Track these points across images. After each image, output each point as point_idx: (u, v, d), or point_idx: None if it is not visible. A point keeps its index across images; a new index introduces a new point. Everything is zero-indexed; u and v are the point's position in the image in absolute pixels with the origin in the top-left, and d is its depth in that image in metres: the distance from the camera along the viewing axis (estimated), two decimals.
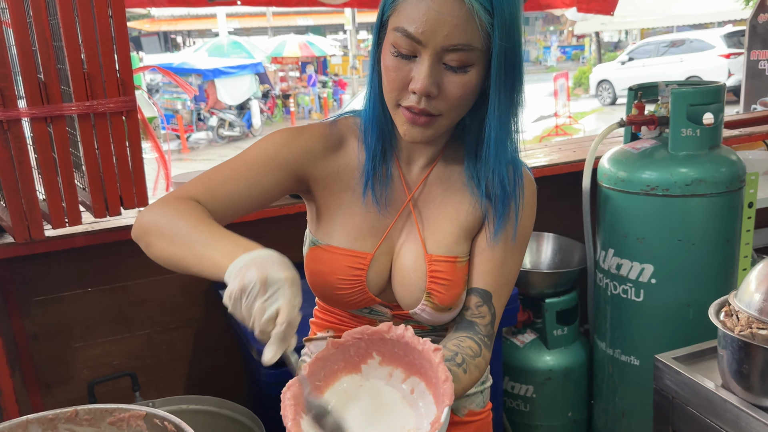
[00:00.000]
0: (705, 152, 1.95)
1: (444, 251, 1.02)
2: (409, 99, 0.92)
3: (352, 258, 1.04)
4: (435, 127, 0.95)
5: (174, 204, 0.93)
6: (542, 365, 2.28)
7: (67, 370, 2.03)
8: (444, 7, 0.86)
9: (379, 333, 0.88)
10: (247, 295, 0.75)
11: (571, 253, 2.42)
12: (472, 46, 0.88)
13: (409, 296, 1.04)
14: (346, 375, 0.92)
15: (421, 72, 0.89)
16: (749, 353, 1.27)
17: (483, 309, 1.02)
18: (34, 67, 1.42)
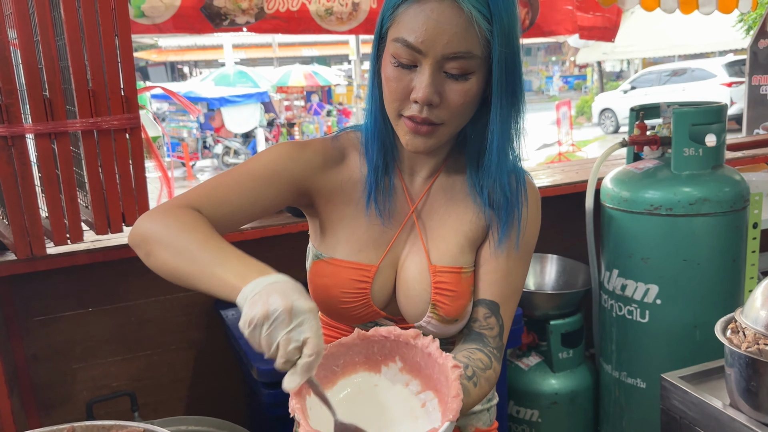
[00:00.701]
0: (708, 172, 1.95)
1: (448, 262, 1.01)
2: (411, 108, 0.92)
3: (356, 270, 1.03)
4: (437, 136, 0.95)
5: (177, 213, 0.91)
6: (548, 389, 2.25)
7: (67, 391, 2.01)
8: (443, 16, 0.86)
9: (407, 337, 0.87)
10: (271, 323, 0.74)
11: (575, 275, 2.40)
12: (472, 53, 0.89)
13: (414, 308, 1.03)
14: (364, 371, 0.91)
15: (422, 81, 0.89)
16: (757, 370, 1.25)
17: (491, 320, 1.01)
18: (40, 85, 1.44)
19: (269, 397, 1.64)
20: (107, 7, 1.49)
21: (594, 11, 3.76)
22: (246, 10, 3.11)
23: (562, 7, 3.68)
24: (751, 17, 9.34)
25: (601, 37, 4.02)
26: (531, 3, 3.47)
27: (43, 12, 1.42)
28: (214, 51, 21.01)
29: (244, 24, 3.17)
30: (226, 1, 2.99)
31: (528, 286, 2.43)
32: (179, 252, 0.86)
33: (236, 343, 1.80)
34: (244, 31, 3.24)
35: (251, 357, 1.68)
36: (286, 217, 2.05)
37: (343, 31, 3.30)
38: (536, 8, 3.52)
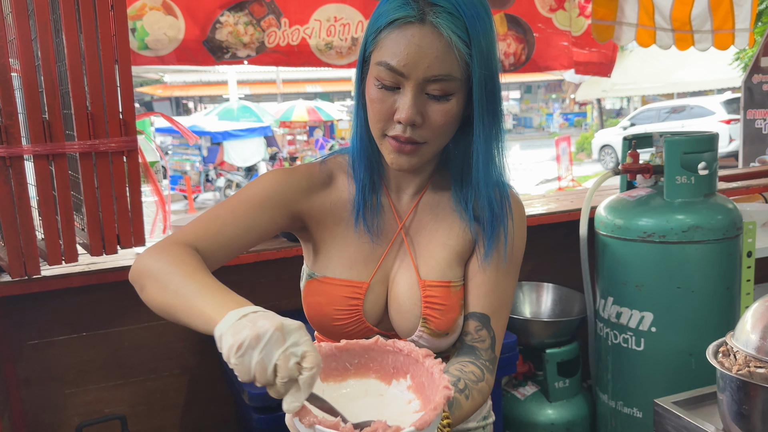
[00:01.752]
0: (701, 200, 1.96)
1: (437, 276, 1.03)
2: (395, 128, 0.95)
3: (348, 288, 1.05)
4: (420, 155, 0.98)
5: (171, 250, 0.93)
6: (544, 419, 2.22)
7: (58, 416, 1.99)
8: (424, 41, 0.90)
9: (418, 354, 0.87)
10: (265, 344, 0.71)
11: (571, 303, 2.40)
12: (452, 76, 0.92)
13: (406, 323, 1.04)
14: (375, 378, 0.91)
15: (405, 102, 0.92)
16: (748, 393, 1.24)
17: (483, 333, 1.02)
18: (39, 107, 1.47)
19: (260, 422, 1.62)
20: (107, 33, 1.53)
21: (590, 47, 3.83)
22: (247, 44, 3.17)
23: (558, 43, 3.75)
24: (748, 55, 9.47)
25: (597, 72, 4.08)
26: (527, 39, 3.54)
27: (45, 37, 1.46)
28: (218, 87, 21.30)
29: (245, 57, 3.22)
30: (228, 35, 3.05)
31: (524, 314, 2.43)
32: (165, 286, 0.88)
33: (228, 368, 1.80)
34: (245, 63, 3.31)
35: (242, 382, 1.67)
36: (281, 242, 2.06)
37: (343, 65, 3.36)
38: (532, 44, 3.58)
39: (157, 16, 2.88)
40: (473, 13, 0.91)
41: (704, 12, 3.26)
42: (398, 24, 0.91)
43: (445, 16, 0.89)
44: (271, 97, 22.59)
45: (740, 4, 3.30)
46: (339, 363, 0.89)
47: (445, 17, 0.89)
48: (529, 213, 2.41)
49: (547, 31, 3.57)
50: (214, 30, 3.02)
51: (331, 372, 0.88)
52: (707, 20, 3.28)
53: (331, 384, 0.88)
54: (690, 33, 3.32)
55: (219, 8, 2.86)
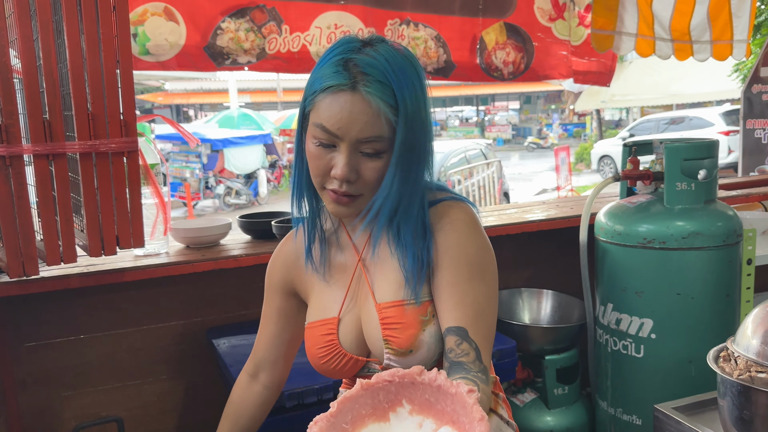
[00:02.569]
0: (701, 206, 1.96)
1: (390, 297, 1.09)
2: (333, 183, 1.04)
3: (323, 326, 1.15)
4: (356, 205, 1.06)
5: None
6: (543, 426, 2.21)
7: (54, 419, 1.98)
8: (355, 107, 0.99)
9: (411, 376, 0.86)
10: None
11: (570, 310, 2.39)
12: (382, 136, 1.01)
13: (375, 348, 1.12)
14: (373, 422, 0.89)
15: (340, 161, 1.01)
16: (749, 398, 1.24)
17: (464, 346, 1.02)
18: (40, 107, 1.47)
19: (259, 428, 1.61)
20: (109, 35, 1.53)
21: (589, 56, 3.84)
22: (248, 50, 3.18)
23: (557, 52, 3.76)
24: (747, 66, 9.52)
25: (596, 82, 4.09)
26: (526, 48, 3.55)
27: (47, 38, 1.46)
28: (219, 95, 21.34)
29: (245, 63, 3.23)
30: (229, 42, 3.06)
31: (523, 320, 2.42)
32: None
33: (226, 371, 1.79)
34: (246, 69, 3.31)
35: None
36: None
37: None
38: (531, 53, 3.59)
39: (158, 21, 2.88)
40: (402, 78, 1.00)
41: (703, 23, 3.28)
42: (332, 90, 0.99)
43: (375, 84, 0.98)
44: (271, 105, 22.64)
45: (739, 16, 3.32)
46: (337, 429, 0.88)
47: (374, 86, 0.98)
48: (529, 219, 2.41)
49: (546, 41, 3.58)
50: (215, 36, 3.02)
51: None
52: (706, 31, 3.30)
53: None
54: (689, 43, 3.34)
55: (220, 14, 2.87)
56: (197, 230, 2.07)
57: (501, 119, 26.51)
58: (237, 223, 2.25)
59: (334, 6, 2.87)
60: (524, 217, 2.43)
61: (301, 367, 1.70)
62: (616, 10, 3.11)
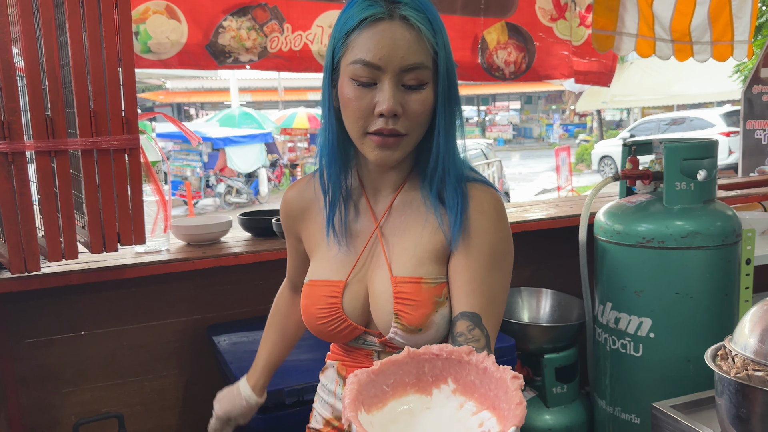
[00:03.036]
0: (700, 206, 1.97)
1: (408, 272, 1.06)
2: (377, 123, 0.99)
3: (327, 287, 1.11)
4: (402, 147, 1.02)
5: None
6: (541, 424, 2.21)
7: (54, 415, 1.98)
8: (396, 33, 0.96)
9: (459, 354, 0.83)
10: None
11: (570, 309, 2.40)
12: (424, 64, 0.98)
13: (382, 320, 1.08)
14: (414, 392, 0.86)
15: (385, 94, 0.97)
16: (746, 396, 1.25)
17: (476, 332, 1.01)
18: (42, 104, 1.48)
19: (257, 421, 1.62)
20: (111, 32, 1.54)
21: (590, 56, 3.85)
22: (249, 49, 3.18)
23: (558, 52, 3.77)
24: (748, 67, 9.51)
25: (597, 82, 4.10)
26: (528, 47, 3.56)
27: (50, 35, 1.47)
28: (220, 94, 21.35)
29: (247, 62, 3.24)
30: (231, 40, 3.06)
31: (522, 319, 2.43)
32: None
33: (227, 368, 1.80)
34: (247, 68, 3.32)
35: None
36: (281, 243, 2.07)
37: None
38: (533, 53, 3.60)
39: (160, 19, 2.89)
40: (431, 10, 0.99)
41: (703, 23, 3.28)
42: (368, 22, 0.96)
43: (411, 11, 0.97)
44: (272, 104, 22.66)
45: (740, 17, 3.33)
46: (377, 388, 0.86)
47: (411, 12, 0.96)
48: (528, 218, 2.41)
49: (547, 41, 3.59)
50: (217, 34, 3.03)
51: (371, 401, 0.85)
52: (706, 32, 3.30)
53: (376, 414, 0.84)
54: (689, 44, 3.34)
55: (222, 13, 2.88)
56: (198, 227, 2.08)
57: (502, 119, 26.52)
58: (238, 220, 2.26)
59: (336, 5, 2.88)
60: (524, 216, 2.44)
61: (300, 364, 1.71)
62: (616, 11, 3.12)
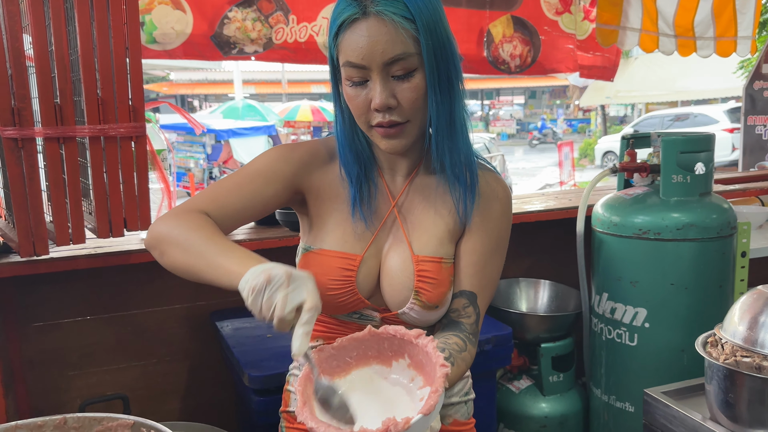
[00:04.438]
0: (696, 198, 2.00)
1: (430, 252, 1.10)
2: (376, 117, 1.03)
3: (343, 260, 1.11)
4: (407, 134, 1.05)
5: (186, 217, 1.04)
6: (537, 412, 2.25)
7: (61, 398, 2.03)
8: (372, 30, 0.98)
9: (410, 336, 0.94)
10: (272, 287, 0.85)
11: (567, 300, 2.43)
12: (407, 53, 0.99)
13: (398, 296, 1.10)
14: (377, 363, 0.98)
15: (375, 90, 1.01)
16: (734, 381, 1.28)
17: (469, 309, 1.10)
18: (51, 91, 1.51)
19: (259, 404, 1.66)
20: (119, 22, 1.57)
21: (594, 51, 3.86)
22: (255, 40, 3.20)
23: (563, 46, 3.79)
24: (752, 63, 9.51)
25: (601, 76, 4.12)
26: (533, 41, 3.58)
27: (59, 24, 1.50)
28: (224, 86, 21.38)
29: (252, 53, 3.26)
30: (236, 31, 3.09)
31: (520, 309, 2.46)
32: (187, 249, 0.99)
33: (230, 353, 1.84)
34: (252, 59, 3.34)
35: (243, 364, 1.71)
36: (284, 231, 2.10)
37: None
38: (538, 47, 3.62)
39: (165, 10, 2.91)
40: None
41: (707, 19, 3.29)
42: (347, 24, 0.99)
43: (384, 2, 0.97)
44: (276, 96, 22.65)
45: (743, 12, 3.34)
46: (339, 360, 0.97)
47: (383, 4, 0.97)
48: (527, 210, 2.44)
49: (553, 34, 3.60)
50: (222, 25, 3.05)
51: (334, 370, 0.96)
52: (710, 27, 3.32)
53: (338, 380, 0.96)
54: (692, 39, 3.36)
55: (227, 3, 2.90)
56: None
57: (505, 114, 26.51)
58: None
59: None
60: (523, 207, 2.47)
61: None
62: (620, 5, 3.14)
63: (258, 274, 0.87)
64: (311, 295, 0.87)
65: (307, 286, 0.87)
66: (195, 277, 0.99)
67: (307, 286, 0.87)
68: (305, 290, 0.86)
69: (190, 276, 1.00)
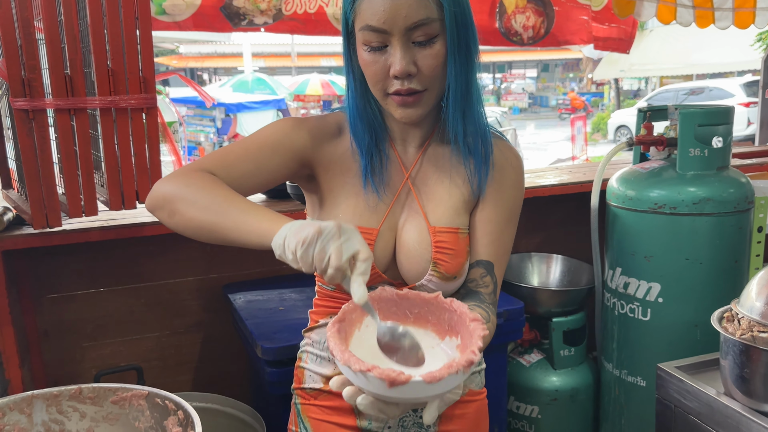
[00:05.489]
0: (713, 172, 1.97)
1: (446, 223, 1.09)
2: (394, 84, 1.01)
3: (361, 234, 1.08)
4: (424, 103, 1.03)
5: (196, 176, 0.99)
6: (548, 385, 2.26)
7: (75, 368, 2.05)
8: None
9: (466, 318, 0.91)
10: (324, 238, 0.83)
11: (579, 275, 2.42)
12: (430, 18, 0.98)
13: (416, 268, 1.09)
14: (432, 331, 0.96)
15: (395, 57, 0.98)
16: (750, 357, 1.27)
17: (486, 279, 1.09)
18: (62, 62, 1.50)
19: (272, 375, 1.67)
20: None
21: (609, 22, 3.79)
22: (264, 11, 3.16)
23: (577, 17, 3.72)
24: None
25: (616, 49, 4.04)
26: (547, 12, 3.51)
27: None
28: (233, 59, 21.24)
29: (262, 24, 3.22)
30: (246, 2, 3.05)
31: (532, 283, 2.45)
32: (207, 207, 0.94)
33: (242, 325, 1.85)
34: (262, 31, 3.30)
35: (256, 336, 1.72)
36: (296, 204, 2.10)
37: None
38: (552, 18, 3.56)
39: None
40: None
41: None
42: None
43: None
44: (285, 70, 22.52)
45: None
46: (399, 309, 0.96)
47: None
48: (540, 184, 2.42)
49: (567, 5, 3.53)
50: None
51: (391, 315, 0.95)
52: None
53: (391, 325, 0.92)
54: (711, 10, 3.28)
55: None
56: None
57: (517, 87, 26.22)
58: None
59: None
60: (536, 182, 2.45)
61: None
62: None
63: (303, 227, 0.85)
64: (363, 245, 0.85)
65: (358, 236, 0.86)
66: (215, 236, 0.94)
67: (357, 237, 0.86)
68: (357, 241, 0.85)
69: (208, 235, 0.95)
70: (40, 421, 1.21)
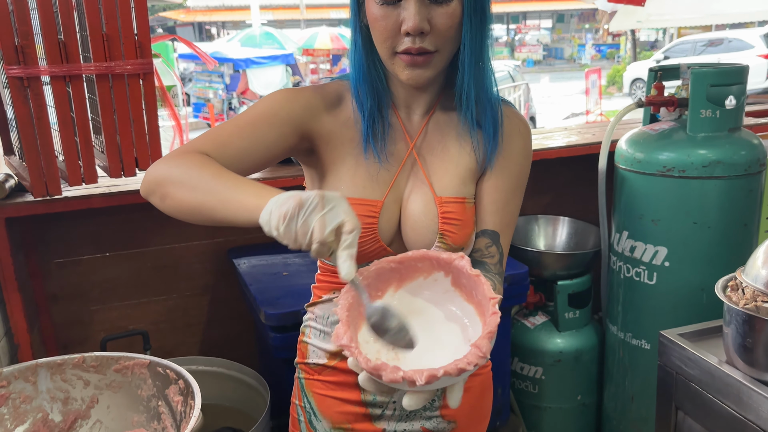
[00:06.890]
0: (724, 134, 1.92)
1: (453, 193, 1.07)
2: (404, 42, 0.96)
3: (363, 206, 1.05)
4: (433, 65, 0.99)
5: (187, 157, 0.95)
6: (552, 347, 2.27)
7: (84, 331, 2.09)
8: None
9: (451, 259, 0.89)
10: (305, 210, 0.78)
11: (586, 237, 2.40)
12: None
13: (422, 240, 1.06)
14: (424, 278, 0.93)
15: (410, 12, 0.94)
16: (753, 326, 1.26)
17: (492, 249, 1.07)
18: (55, 27, 1.47)
19: (276, 340, 1.69)
20: None
21: None
22: None
23: None
24: None
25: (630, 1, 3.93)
26: None
27: None
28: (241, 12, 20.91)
29: None
30: None
31: (538, 246, 2.44)
32: (195, 187, 0.90)
33: (247, 289, 1.86)
34: None
35: (260, 302, 1.73)
36: (298, 169, 2.08)
37: None
38: None
39: None
40: None
41: None
42: None
43: None
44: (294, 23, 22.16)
45: None
46: (403, 274, 0.92)
47: None
48: (549, 146, 2.38)
49: None
50: None
51: (398, 277, 0.92)
52: None
53: (379, 305, 0.87)
54: None
55: None
56: None
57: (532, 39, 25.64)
58: None
59: None
60: (544, 143, 2.40)
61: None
62: None
63: (285, 200, 0.79)
64: (349, 215, 0.79)
65: (343, 206, 0.80)
66: (206, 217, 0.91)
67: (342, 206, 0.80)
68: (341, 210, 0.79)
69: (199, 217, 0.92)
70: (45, 389, 1.24)
